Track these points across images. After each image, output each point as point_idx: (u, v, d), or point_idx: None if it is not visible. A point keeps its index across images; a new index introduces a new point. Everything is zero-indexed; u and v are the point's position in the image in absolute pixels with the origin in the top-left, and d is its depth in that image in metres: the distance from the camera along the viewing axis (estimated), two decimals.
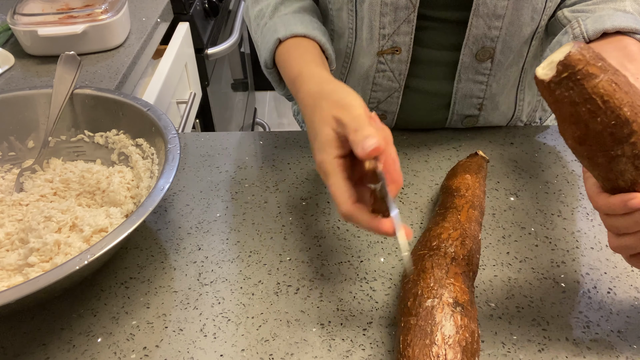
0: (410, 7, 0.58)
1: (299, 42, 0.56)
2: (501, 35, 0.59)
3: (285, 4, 0.61)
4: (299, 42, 0.56)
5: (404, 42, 0.60)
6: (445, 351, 0.36)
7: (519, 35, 0.59)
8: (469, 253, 0.45)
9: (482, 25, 0.58)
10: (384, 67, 0.63)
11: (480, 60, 0.61)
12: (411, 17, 0.58)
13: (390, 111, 0.68)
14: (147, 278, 0.51)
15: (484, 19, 0.58)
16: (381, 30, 0.60)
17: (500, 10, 0.57)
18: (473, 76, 0.63)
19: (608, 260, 0.51)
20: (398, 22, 0.59)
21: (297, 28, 0.56)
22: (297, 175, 0.63)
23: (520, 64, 0.63)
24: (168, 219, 0.57)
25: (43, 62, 0.91)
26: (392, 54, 0.62)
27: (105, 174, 0.58)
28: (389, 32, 0.60)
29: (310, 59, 0.53)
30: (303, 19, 0.58)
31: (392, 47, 0.61)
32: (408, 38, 0.60)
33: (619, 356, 0.43)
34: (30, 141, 0.62)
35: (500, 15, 0.57)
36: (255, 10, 0.63)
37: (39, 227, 0.50)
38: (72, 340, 0.45)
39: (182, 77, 1.19)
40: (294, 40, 0.56)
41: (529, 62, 0.64)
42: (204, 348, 0.44)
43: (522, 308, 0.47)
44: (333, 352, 0.44)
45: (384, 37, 0.60)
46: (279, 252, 0.53)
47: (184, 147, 0.68)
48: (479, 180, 0.54)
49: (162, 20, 1.11)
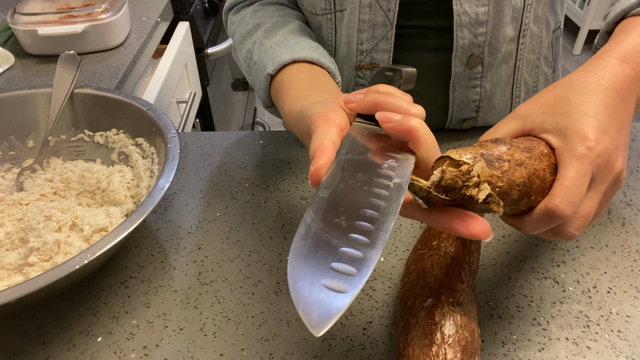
0: (388, 24, 0.58)
1: (288, 72, 0.51)
2: (487, 39, 0.60)
3: (270, 36, 0.57)
4: (288, 72, 0.51)
5: (382, 59, 0.61)
6: (445, 350, 0.36)
7: (503, 35, 0.60)
8: (469, 253, 0.45)
9: (467, 35, 0.59)
10: (363, 81, 0.64)
11: (471, 67, 0.62)
12: (389, 35, 0.59)
13: None
14: (147, 277, 0.51)
15: (468, 28, 0.58)
16: (359, 46, 0.60)
17: (482, 17, 0.57)
18: (467, 82, 0.64)
19: (608, 260, 0.51)
20: (376, 39, 0.59)
21: (284, 56, 0.52)
22: (297, 175, 0.63)
23: (511, 63, 0.64)
24: (168, 218, 0.57)
25: (43, 62, 0.91)
26: (370, 70, 0.62)
27: (105, 174, 0.58)
28: (367, 48, 0.60)
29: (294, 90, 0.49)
30: (288, 42, 0.54)
31: (370, 62, 0.61)
32: (387, 55, 0.61)
33: (619, 356, 0.43)
34: (30, 140, 0.62)
35: (483, 21, 0.58)
36: (243, 52, 0.60)
37: (39, 226, 0.50)
38: (72, 340, 0.45)
39: (182, 76, 1.19)
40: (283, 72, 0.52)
41: (523, 60, 0.64)
42: (204, 347, 0.44)
43: (522, 308, 0.47)
44: (333, 352, 0.44)
45: (362, 53, 0.61)
46: (279, 252, 0.53)
47: (184, 146, 0.68)
48: None
49: (162, 19, 1.10)
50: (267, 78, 0.52)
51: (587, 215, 0.37)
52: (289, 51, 0.52)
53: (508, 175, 0.34)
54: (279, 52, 0.53)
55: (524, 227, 0.38)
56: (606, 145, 0.37)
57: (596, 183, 0.37)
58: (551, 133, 0.38)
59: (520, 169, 0.35)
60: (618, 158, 0.38)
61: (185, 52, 1.21)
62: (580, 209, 0.37)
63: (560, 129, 0.38)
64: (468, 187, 0.32)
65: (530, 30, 0.62)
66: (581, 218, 0.37)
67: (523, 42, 0.62)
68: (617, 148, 0.38)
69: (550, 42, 0.69)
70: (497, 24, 0.59)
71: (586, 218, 0.37)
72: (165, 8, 1.13)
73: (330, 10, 0.61)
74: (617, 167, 0.38)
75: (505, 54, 0.62)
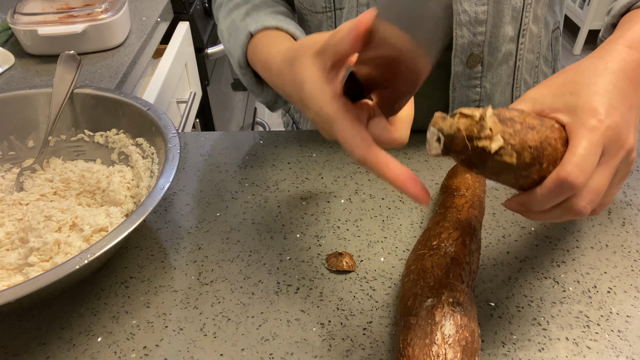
0: None
1: (270, 33, 0.53)
2: (486, 39, 0.59)
3: (257, 11, 0.58)
4: (270, 33, 0.53)
5: None
6: (445, 350, 0.36)
7: (503, 35, 0.60)
8: (469, 253, 0.45)
9: (467, 35, 0.59)
10: None
11: (471, 66, 0.62)
12: None
13: None
14: (147, 277, 0.51)
15: (468, 27, 0.58)
16: None
17: (481, 16, 0.57)
18: (467, 82, 0.64)
19: (608, 260, 0.51)
20: None
21: (269, 22, 0.53)
22: (297, 175, 0.63)
23: (511, 62, 0.64)
24: (168, 218, 0.57)
25: (43, 62, 0.91)
26: None
27: (105, 174, 0.58)
28: None
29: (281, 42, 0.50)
30: (276, 17, 0.56)
31: None
32: None
33: (619, 356, 0.43)
34: (30, 140, 0.62)
35: (482, 20, 0.58)
36: (228, 22, 0.60)
37: (39, 226, 0.50)
38: (72, 340, 0.45)
39: (182, 76, 1.19)
40: (266, 32, 0.53)
41: (523, 59, 0.64)
42: (204, 347, 0.44)
43: (522, 308, 0.47)
44: (333, 352, 0.44)
45: None
46: (279, 252, 0.53)
47: (184, 146, 0.68)
48: (479, 180, 0.54)
49: (162, 19, 1.10)
50: (247, 36, 0.53)
51: (598, 189, 0.36)
52: (275, 20, 0.54)
53: (520, 135, 0.34)
54: (264, 19, 0.54)
55: (535, 200, 0.37)
56: (617, 120, 0.36)
57: (607, 156, 0.37)
58: (561, 112, 0.38)
59: (532, 132, 0.35)
60: (629, 134, 0.37)
61: (185, 52, 1.21)
62: (592, 182, 0.36)
63: (570, 107, 0.38)
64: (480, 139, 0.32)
65: (529, 30, 0.62)
66: (592, 191, 0.36)
67: (523, 42, 0.62)
68: (628, 125, 0.37)
69: (549, 42, 0.69)
70: (497, 23, 0.59)
71: (597, 192, 0.37)
72: (165, 8, 1.13)
73: (330, 8, 0.62)
74: (628, 142, 0.37)
75: (505, 53, 0.62)
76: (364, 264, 0.51)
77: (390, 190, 0.60)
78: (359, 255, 0.52)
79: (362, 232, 0.55)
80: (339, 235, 0.55)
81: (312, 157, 0.66)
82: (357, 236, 0.54)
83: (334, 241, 0.54)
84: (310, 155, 0.66)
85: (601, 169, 0.37)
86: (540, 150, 0.35)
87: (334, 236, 0.54)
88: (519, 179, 0.36)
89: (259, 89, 0.59)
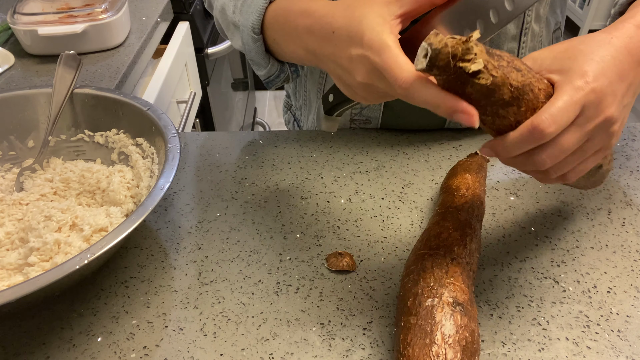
0: None
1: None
2: None
3: None
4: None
5: None
6: (445, 350, 0.36)
7: (505, 33, 0.60)
8: (469, 253, 0.45)
9: None
10: None
11: None
12: None
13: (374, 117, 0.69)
14: (147, 277, 0.51)
15: None
16: None
17: None
18: None
19: (608, 260, 0.51)
20: None
21: None
22: (297, 175, 0.63)
23: None
24: (168, 218, 0.57)
25: (43, 62, 0.91)
26: None
27: (105, 174, 0.58)
28: None
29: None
30: None
31: None
32: None
33: (619, 356, 0.43)
34: (30, 140, 0.62)
35: None
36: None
37: (39, 226, 0.50)
38: (72, 340, 0.45)
39: (182, 76, 1.19)
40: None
41: None
42: (204, 347, 0.44)
43: (522, 308, 0.47)
44: (333, 352, 0.44)
45: None
46: (279, 252, 0.53)
47: (184, 146, 0.68)
48: (479, 180, 0.54)
49: (162, 19, 1.10)
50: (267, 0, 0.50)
51: (564, 146, 0.37)
52: None
53: (504, 70, 0.35)
54: None
55: (505, 145, 0.38)
56: (603, 85, 0.37)
57: (582, 119, 0.37)
58: (555, 72, 0.39)
59: (517, 74, 0.36)
60: (612, 104, 0.38)
61: (185, 52, 1.21)
62: (559, 137, 0.37)
63: (563, 69, 0.38)
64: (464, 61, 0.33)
65: (531, 29, 0.62)
66: (557, 146, 0.37)
67: (524, 41, 0.62)
68: (614, 94, 0.38)
69: (550, 42, 0.69)
70: None
71: (562, 149, 0.37)
72: (165, 8, 1.13)
73: None
74: (608, 111, 0.38)
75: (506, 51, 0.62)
76: (364, 264, 0.51)
77: (390, 190, 0.60)
78: (359, 255, 0.52)
79: (362, 232, 0.55)
80: (339, 235, 0.55)
81: (312, 157, 0.66)
82: (357, 236, 0.54)
83: (334, 241, 0.54)
84: (310, 155, 0.66)
85: (572, 128, 0.37)
86: (520, 91, 0.36)
87: (334, 236, 0.54)
88: (495, 119, 0.37)
89: (266, 59, 0.55)
